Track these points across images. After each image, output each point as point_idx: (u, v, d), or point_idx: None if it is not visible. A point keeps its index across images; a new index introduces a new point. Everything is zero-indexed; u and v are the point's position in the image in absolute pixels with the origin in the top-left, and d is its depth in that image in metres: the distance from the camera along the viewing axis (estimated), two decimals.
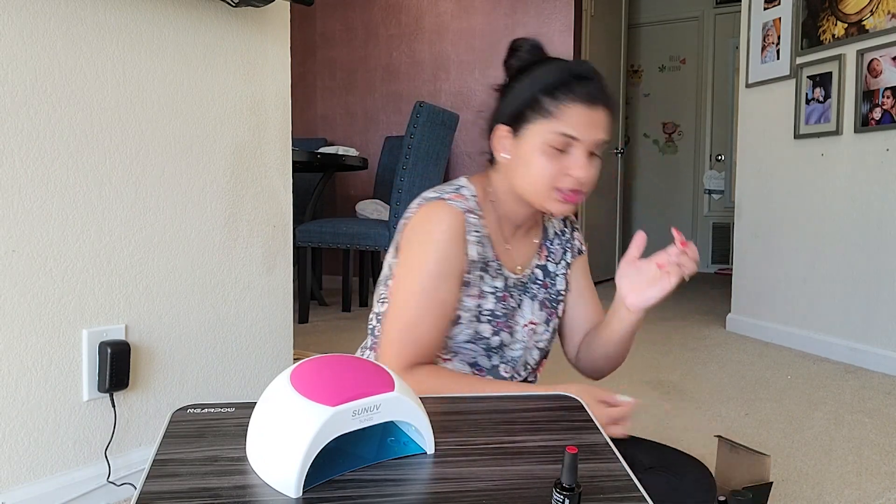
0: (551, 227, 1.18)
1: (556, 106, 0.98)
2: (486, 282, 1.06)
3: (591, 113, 0.98)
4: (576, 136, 0.97)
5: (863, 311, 2.65)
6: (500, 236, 1.09)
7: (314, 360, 0.74)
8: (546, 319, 1.14)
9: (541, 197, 1.01)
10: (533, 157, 1.00)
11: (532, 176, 1.00)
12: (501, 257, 1.09)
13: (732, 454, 1.30)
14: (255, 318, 1.71)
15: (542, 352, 1.15)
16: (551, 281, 1.16)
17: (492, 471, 0.69)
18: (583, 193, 1.01)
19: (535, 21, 4.11)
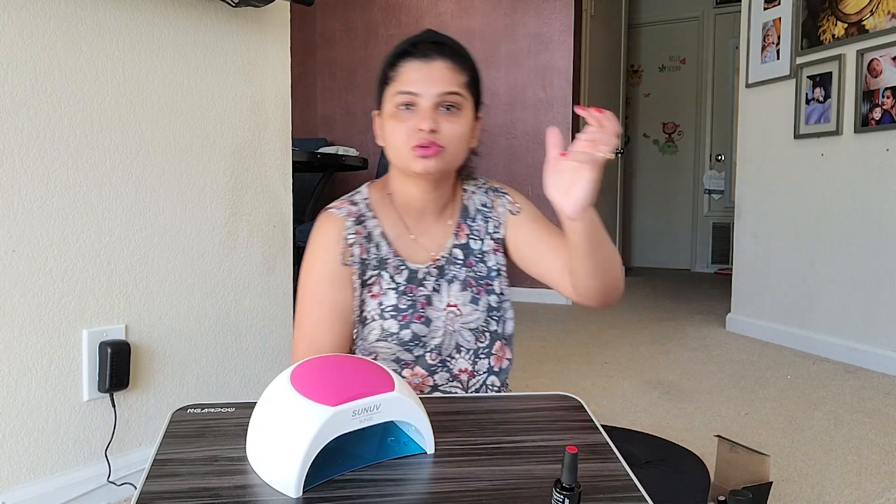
0: (472, 204, 1.15)
1: (394, 70, 1.03)
2: (385, 279, 1.08)
3: (426, 66, 1.01)
4: (412, 91, 1.00)
5: (863, 311, 2.65)
6: (402, 230, 1.11)
7: (314, 360, 0.74)
8: (473, 299, 1.10)
9: (402, 159, 1.03)
10: (388, 124, 1.04)
11: (390, 141, 1.04)
12: (403, 252, 1.10)
13: (732, 454, 1.30)
14: (255, 318, 1.71)
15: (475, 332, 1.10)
16: (476, 258, 1.12)
17: (492, 471, 0.69)
18: (442, 148, 1.01)
19: (535, 21, 4.11)
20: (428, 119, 0.99)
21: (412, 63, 1.02)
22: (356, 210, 1.10)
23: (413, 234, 1.11)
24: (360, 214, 1.09)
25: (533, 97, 4.11)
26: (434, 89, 1.00)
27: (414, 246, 1.11)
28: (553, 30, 4.06)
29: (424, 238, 1.12)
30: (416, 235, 1.11)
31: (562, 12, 4.03)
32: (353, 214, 1.09)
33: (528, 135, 4.16)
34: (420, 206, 1.11)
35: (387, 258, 1.09)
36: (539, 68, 4.10)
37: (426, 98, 1.00)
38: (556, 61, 4.06)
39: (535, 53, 4.11)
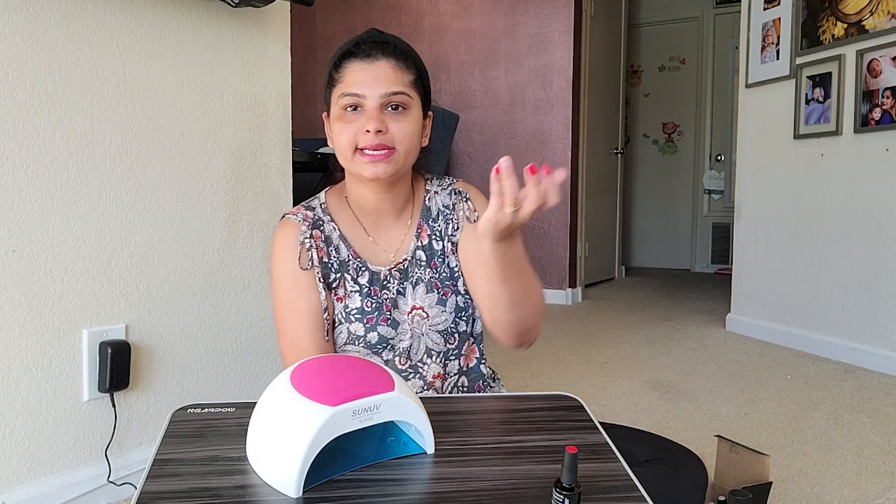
0: (434, 206, 1.12)
1: (338, 72, 1.02)
2: (348, 281, 1.07)
3: (370, 67, 0.99)
4: (357, 93, 0.99)
5: (863, 311, 2.65)
6: (360, 232, 1.10)
7: (314, 360, 0.74)
8: (439, 300, 1.09)
9: (351, 162, 1.02)
10: (334, 127, 1.02)
11: (338, 144, 1.02)
12: (363, 254, 1.08)
13: (732, 454, 1.30)
14: (255, 318, 1.71)
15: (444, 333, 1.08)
16: (440, 260, 1.10)
17: (492, 471, 0.70)
18: (392, 150, 0.99)
19: (535, 21, 4.11)
20: (374, 120, 0.98)
21: (356, 64, 1.00)
22: (312, 215, 1.08)
23: (371, 236, 1.10)
24: (317, 219, 1.08)
25: (533, 97, 4.11)
26: (379, 90, 0.99)
27: (373, 248, 1.10)
28: (553, 30, 4.06)
29: (383, 240, 1.11)
30: (374, 238, 1.10)
31: (562, 12, 4.03)
32: (309, 219, 1.08)
33: (528, 135, 4.16)
34: (376, 208, 1.09)
35: (347, 260, 1.07)
36: (539, 68, 4.10)
37: (371, 99, 0.99)
38: (556, 61, 4.06)
39: (535, 53, 4.11)
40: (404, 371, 1.08)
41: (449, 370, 1.10)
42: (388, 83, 0.99)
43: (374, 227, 1.10)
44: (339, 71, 1.02)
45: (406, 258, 1.09)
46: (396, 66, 1.01)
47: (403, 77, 1.02)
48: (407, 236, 1.11)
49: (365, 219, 1.10)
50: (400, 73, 1.01)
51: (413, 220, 1.12)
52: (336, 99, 1.01)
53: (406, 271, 1.09)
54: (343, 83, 1.01)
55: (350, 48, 1.02)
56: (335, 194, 1.13)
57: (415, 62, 1.05)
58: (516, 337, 1.01)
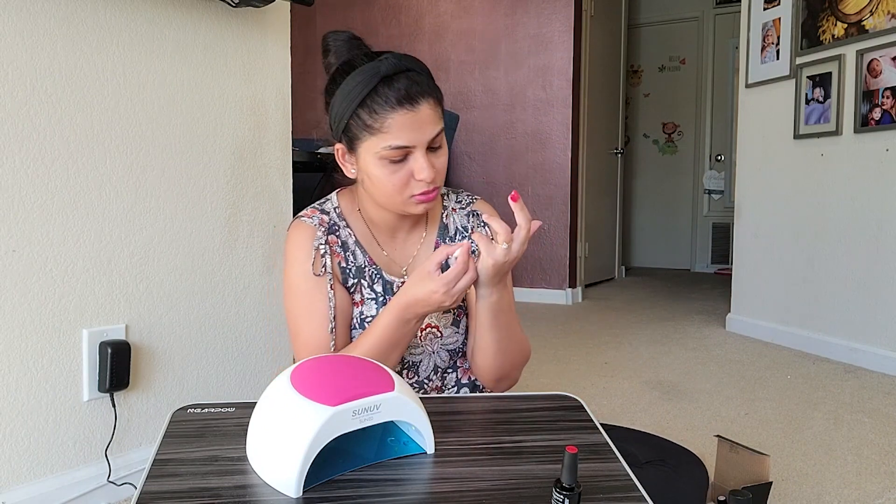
0: (452, 224, 1.13)
1: (376, 120, 0.94)
2: (365, 287, 1.06)
3: (413, 114, 0.94)
4: (406, 145, 0.95)
5: (863, 311, 2.65)
6: (373, 243, 1.09)
7: (314, 360, 0.74)
8: (454, 321, 1.10)
9: (398, 206, 1.00)
10: (375, 171, 0.97)
11: (381, 189, 0.99)
12: (378, 262, 1.08)
13: (732, 454, 1.30)
14: (255, 318, 1.71)
15: (452, 353, 1.10)
16: None
17: (492, 471, 0.69)
18: (438, 187, 1.00)
19: (535, 21, 4.11)
20: (428, 170, 0.95)
21: (401, 116, 0.93)
22: (327, 219, 1.07)
23: (385, 250, 1.10)
24: (332, 223, 1.07)
25: (533, 97, 4.11)
26: (426, 137, 0.96)
27: (387, 260, 1.10)
28: (553, 30, 4.06)
29: (397, 253, 1.11)
30: (387, 252, 1.10)
31: (562, 12, 4.03)
32: (325, 223, 1.06)
33: (528, 135, 4.16)
34: (393, 226, 1.09)
35: (363, 266, 1.07)
36: (539, 68, 4.10)
37: (420, 147, 0.96)
38: (556, 61, 4.06)
39: (535, 53, 4.11)
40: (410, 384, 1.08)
41: (447, 382, 1.12)
42: (431, 127, 0.96)
43: (388, 241, 1.10)
44: (375, 118, 0.94)
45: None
46: (434, 104, 0.97)
47: (439, 111, 0.99)
48: (420, 251, 1.11)
49: (379, 234, 1.10)
50: (437, 110, 0.98)
51: (428, 235, 1.12)
52: (377, 147, 0.95)
53: None
54: (388, 134, 0.94)
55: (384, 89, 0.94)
56: (348, 200, 1.11)
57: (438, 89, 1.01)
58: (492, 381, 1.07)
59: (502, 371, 1.05)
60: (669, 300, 4.20)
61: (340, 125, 1.00)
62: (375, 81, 0.94)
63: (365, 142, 0.97)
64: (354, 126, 0.98)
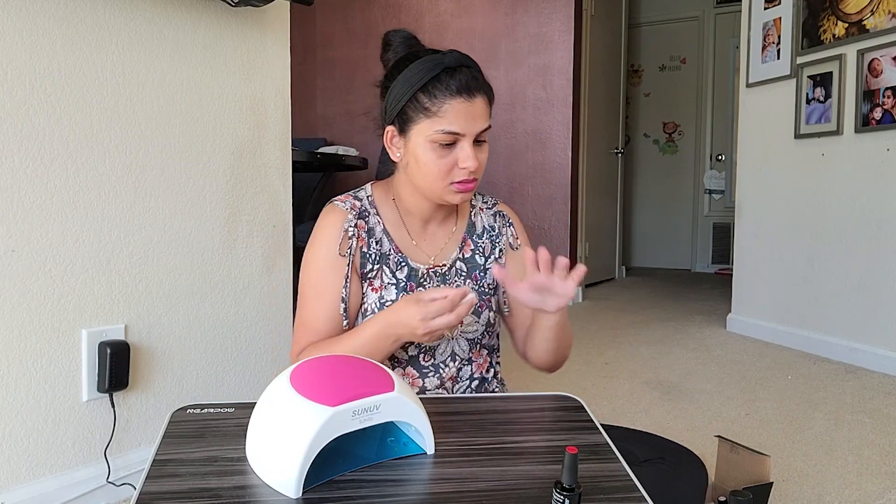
0: (479, 222, 1.19)
1: (434, 104, 1.01)
2: (386, 274, 1.10)
3: (469, 105, 1.01)
4: (458, 132, 1.00)
5: (863, 311, 2.65)
6: (403, 231, 1.13)
7: (314, 360, 0.74)
8: (475, 311, 1.14)
9: (438, 191, 1.05)
10: (423, 155, 1.03)
11: (425, 173, 1.04)
12: (405, 250, 1.12)
13: (732, 454, 1.30)
14: (255, 318, 1.71)
15: (471, 342, 1.14)
16: (480, 274, 1.16)
17: (492, 471, 0.69)
18: (477, 180, 1.05)
19: (535, 21, 4.11)
20: (472, 159, 1.02)
21: (458, 103, 1.00)
22: (360, 205, 1.12)
23: (415, 239, 1.14)
24: (364, 209, 1.12)
25: (533, 97, 4.11)
26: (476, 128, 1.02)
27: (415, 247, 1.14)
28: (553, 30, 4.06)
29: (426, 243, 1.15)
30: (417, 241, 1.14)
31: (562, 12, 4.03)
32: (356, 208, 1.12)
33: (528, 134, 4.16)
34: (426, 216, 1.14)
35: (388, 254, 1.11)
36: (539, 68, 4.10)
37: (469, 137, 1.02)
38: (556, 61, 4.06)
39: (535, 53, 4.11)
40: (426, 367, 1.11)
41: (462, 374, 1.15)
42: (482, 120, 1.03)
43: (418, 230, 1.15)
44: (434, 103, 1.00)
45: (445, 264, 1.14)
46: (487, 101, 1.04)
47: (488, 109, 1.05)
48: (448, 244, 1.16)
49: (411, 223, 1.14)
50: (488, 107, 1.05)
51: (458, 231, 1.17)
52: (429, 130, 1.01)
53: (444, 276, 1.13)
54: (443, 119, 1.00)
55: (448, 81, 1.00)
56: (382, 190, 1.16)
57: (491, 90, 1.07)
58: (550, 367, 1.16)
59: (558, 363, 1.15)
60: (670, 300, 4.20)
61: (397, 108, 1.05)
62: (439, 70, 1.01)
63: (419, 124, 1.02)
64: (411, 109, 1.03)
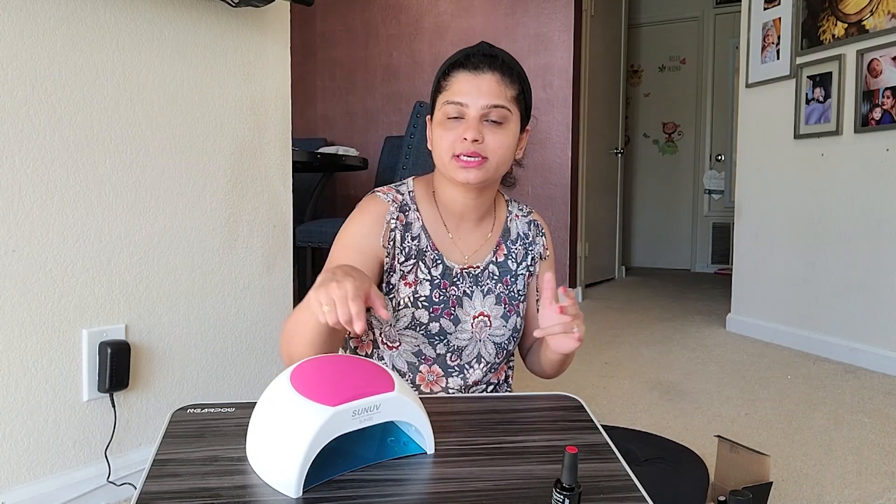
0: (514, 228, 1.20)
1: (446, 80, 1.06)
2: (422, 270, 1.11)
3: (476, 79, 1.03)
4: (461, 102, 1.03)
5: (863, 311, 2.65)
6: (441, 228, 1.14)
7: (314, 360, 0.74)
8: (504, 315, 1.15)
9: (446, 167, 1.06)
10: (436, 131, 1.07)
11: (437, 148, 1.07)
12: (441, 247, 1.13)
13: (732, 454, 1.30)
14: (255, 318, 1.71)
15: (498, 347, 1.15)
16: (512, 279, 1.17)
17: (492, 471, 0.69)
18: (485, 159, 1.04)
19: (535, 21, 4.11)
20: (472, 129, 1.02)
21: (463, 74, 1.04)
22: (401, 199, 1.13)
23: (452, 235, 1.15)
24: (404, 203, 1.13)
25: (533, 97, 4.11)
26: (481, 101, 1.03)
27: (451, 245, 1.14)
28: (553, 30, 4.06)
29: (462, 241, 1.15)
30: (454, 237, 1.15)
31: (562, 12, 4.03)
32: (398, 202, 1.12)
33: None
34: (461, 210, 1.14)
35: (425, 250, 1.11)
36: (539, 68, 4.10)
37: (473, 109, 1.03)
38: (556, 61, 4.06)
39: (535, 53, 4.11)
40: (451, 367, 1.12)
41: (485, 379, 1.16)
42: (490, 96, 1.03)
43: (455, 227, 1.15)
44: (447, 80, 1.06)
45: (479, 265, 1.15)
46: (501, 81, 1.05)
47: (506, 91, 1.06)
48: (484, 247, 1.16)
49: (448, 218, 1.15)
50: (503, 88, 1.05)
51: (493, 234, 1.18)
52: (440, 105, 1.06)
53: (477, 277, 1.14)
54: (449, 91, 1.05)
55: (460, 59, 1.06)
56: (423, 185, 1.17)
57: (520, 77, 1.09)
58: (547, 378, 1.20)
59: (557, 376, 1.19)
60: (670, 300, 4.20)
61: (430, 97, 1.11)
62: (459, 56, 1.07)
63: (436, 103, 1.08)
64: (435, 92, 1.09)
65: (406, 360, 1.10)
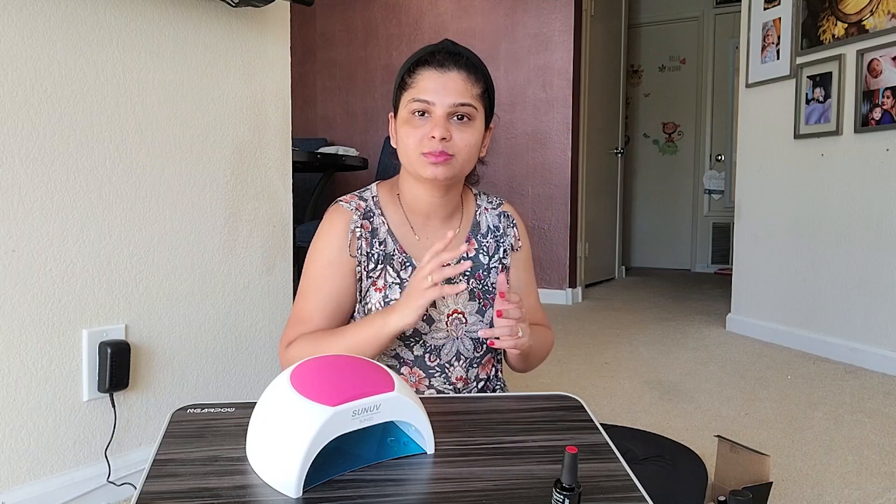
0: (484, 221, 1.20)
1: (411, 77, 1.06)
2: (390, 273, 1.11)
3: (441, 76, 1.03)
4: (427, 100, 1.03)
5: (863, 311, 2.65)
6: (407, 230, 1.14)
7: (314, 360, 0.74)
8: (479, 310, 1.14)
9: (413, 164, 1.06)
10: (402, 129, 1.07)
11: (402, 146, 1.07)
12: (409, 250, 1.12)
13: (732, 454, 1.30)
14: (255, 318, 1.71)
15: (476, 342, 1.15)
16: (484, 273, 1.17)
17: (492, 471, 0.69)
18: (451, 156, 1.04)
19: (535, 21, 4.11)
20: (440, 127, 1.02)
21: (429, 72, 1.04)
22: (364, 205, 1.13)
23: (418, 235, 1.14)
24: (368, 210, 1.13)
25: (533, 97, 4.11)
26: (448, 99, 1.03)
27: (418, 246, 1.14)
28: (553, 30, 4.06)
29: (429, 242, 1.15)
30: (420, 238, 1.14)
31: (562, 12, 4.03)
32: (361, 209, 1.12)
33: (527, 135, 4.16)
34: (427, 210, 1.13)
35: (392, 254, 1.11)
36: (539, 68, 4.10)
37: (440, 107, 1.03)
38: (556, 61, 4.06)
39: (535, 53, 4.11)
40: (432, 368, 1.12)
41: (469, 375, 1.15)
42: (457, 94, 1.03)
43: (421, 227, 1.15)
44: (412, 76, 1.06)
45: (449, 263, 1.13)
46: (467, 79, 1.05)
47: (472, 89, 1.05)
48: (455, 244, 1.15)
49: (414, 218, 1.14)
50: (469, 86, 1.05)
51: (462, 230, 1.17)
52: (406, 103, 1.06)
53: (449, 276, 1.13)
54: (415, 89, 1.05)
55: (425, 56, 1.06)
56: (387, 189, 1.17)
57: (484, 76, 1.09)
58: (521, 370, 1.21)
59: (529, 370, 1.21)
60: (669, 300, 4.20)
61: (393, 94, 1.11)
62: (423, 53, 1.07)
63: (401, 101, 1.08)
64: (398, 90, 1.09)
65: (386, 363, 1.11)
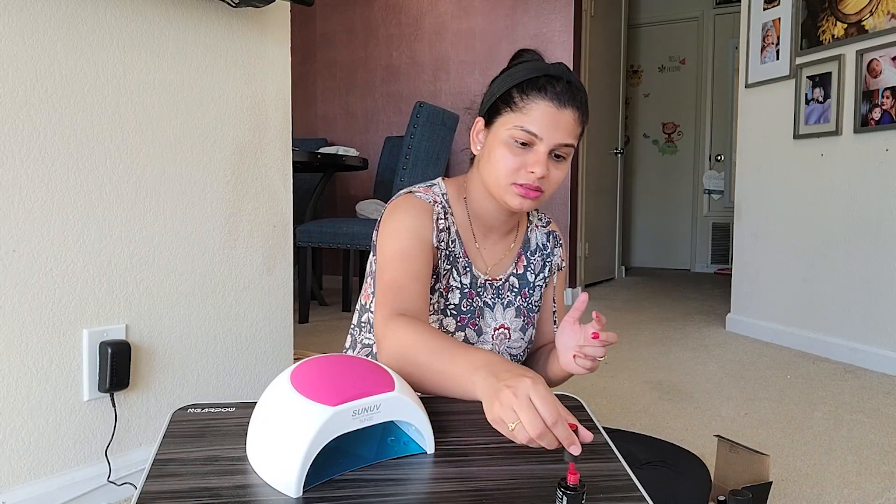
0: (534, 239, 1.19)
1: (523, 101, 1.00)
2: (454, 276, 1.09)
3: (557, 113, 0.99)
4: (537, 134, 0.98)
5: (863, 311, 2.65)
6: (470, 235, 1.11)
7: (314, 360, 0.74)
8: (522, 328, 1.14)
9: (500, 189, 1.02)
10: (497, 148, 1.01)
11: (494, 166, 1.02)
12: (470, 255, 1.11)
13: (732, 454, 1.30)
14: (255, 318, 1.71)
15: (514, 358, 1.14)
16: (529, 291, 1.17)
17: (492, 471, 0.69)
18: (542, 192, 1.01)
19: (535, 21, 4.11)
20: (542, 165, 0.99)
21: (545, 104, 0.98)
22: (440, 201, 1.09)
23: (479, 244, 1.13)
24: (443, 206, 1.09)
25: None
26: (556, 139, 0.99)
27: (476, 254, 1.12)
28: (553, 30, 4.06)
29: (486, 252, 1.13)
30: (480, 246, 1.13)
31: (562, 12, 4.03)
32: (439, 204, 1.08)
33: None
34: (492, 223, 1.12)
35: (458, 256, 1.09)
36: None
37: (546, 144, 0.99)
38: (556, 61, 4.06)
39: None
40: None
41: None
42: (565, 134, 1.00)
43: (482, 237, 1.13)
44: (525, 100, 1.00)
45: (501, 277, 1.13)
46: (577, 120, 1.01)
47: (577, 130, 1.02)
48: (506, 258, 1.15)
49: (478, 227, 1.12)
50: (577, 126, 1.02)
51: (516, 245, 1.16)
52: (511, 125, 1.00)
53: (499, 289, 1.13)
54: (525, 116, 0.99)
55: (543, 82, 1.00)
56: (454, 189, 1.12)
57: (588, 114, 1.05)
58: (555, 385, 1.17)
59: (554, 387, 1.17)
60: (669, 300, 4.20)
61: (491, 99, 1.05)
62: (540, 74, 1.00)
63: (503, 117, 1.02)
64: (502, 102, 1.02)
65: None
